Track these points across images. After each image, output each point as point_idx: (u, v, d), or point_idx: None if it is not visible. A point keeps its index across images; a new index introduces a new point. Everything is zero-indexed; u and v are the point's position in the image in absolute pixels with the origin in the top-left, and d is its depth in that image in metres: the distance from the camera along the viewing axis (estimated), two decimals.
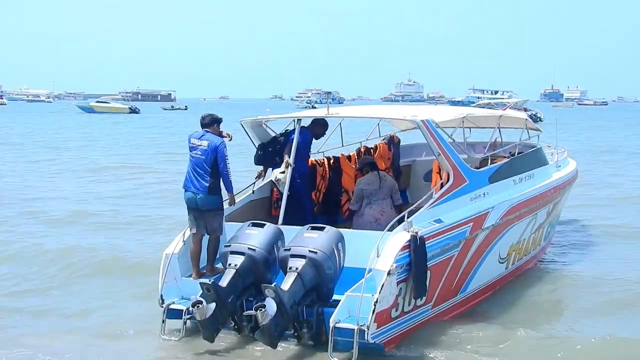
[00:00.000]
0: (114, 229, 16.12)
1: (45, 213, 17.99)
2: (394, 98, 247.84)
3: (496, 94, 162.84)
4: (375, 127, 13.33)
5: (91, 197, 21.06)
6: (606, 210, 18.60)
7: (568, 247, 14.47)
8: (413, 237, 8.56)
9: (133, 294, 11.09)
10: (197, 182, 9.48)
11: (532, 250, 12.20)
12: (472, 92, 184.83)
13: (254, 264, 8.67)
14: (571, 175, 13.81)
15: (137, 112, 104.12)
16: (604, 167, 29.11)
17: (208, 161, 9.44)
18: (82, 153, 36.13)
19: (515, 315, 10.20)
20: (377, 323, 8.16)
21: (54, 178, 26.02)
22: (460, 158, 10.08)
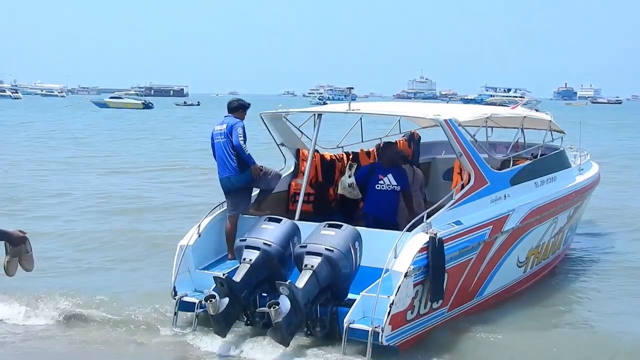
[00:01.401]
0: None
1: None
2: (406, 95, 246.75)
3: (509, 92, 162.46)
4: (396, 124, 13.26)
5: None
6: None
7: (587, 251, 14.32)
8: (432, 238, 8.44)
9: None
10: (227, 164, 9.85)
11: (551, 254, 12.05)
12: (484, 90, 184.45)
13: (268, 259, 8.60)
14: (593, 179, 13.62)
15: (150, 108, 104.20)
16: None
17: (228, 142, 9.86)
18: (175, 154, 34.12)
19: (531, 320, 10.09)
20: (392, 325, 8.07)
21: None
22: (482, 159, 9.93)
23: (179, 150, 36.07)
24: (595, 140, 37.63)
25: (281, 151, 11.14)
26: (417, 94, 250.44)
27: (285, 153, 11.16)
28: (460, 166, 10.02)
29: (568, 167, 12.77)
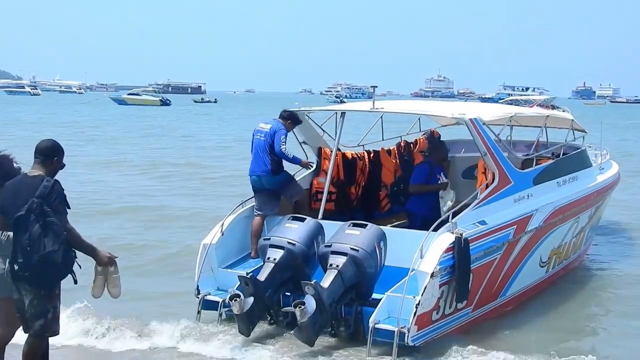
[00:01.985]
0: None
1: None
2: (424, 93, 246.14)
3: (527, 91, 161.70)
4: (416, 122, 13.22)
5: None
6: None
7: (608, 251, 14.19)
8: (458, 238, 8.38)
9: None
10: (261, 163, 9.93)
11: (572, 254, 11.98)
12: (502, 89, 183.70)
13: (293, 258, 8.57)
14: (614, 179, 13.55)
15: (168, 105, 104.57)
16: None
17: (267, 143, 9.93)
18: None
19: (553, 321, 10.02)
20: (418, 325, 8.02)
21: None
22: (506, 159, 9.88)
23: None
24: (615, 140, 37.23)
25: (303, 149, 11.10)
26: (434, 93, 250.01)
27: (307, 151, 11.12)
28: (485, 165, 9.96)
29: (589, 167, 12.72)
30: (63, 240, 5.94)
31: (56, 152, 6.26)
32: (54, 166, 6.22)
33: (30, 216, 5.86)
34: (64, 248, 5.94)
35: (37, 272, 5.88)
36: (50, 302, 6.05)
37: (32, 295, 5.97)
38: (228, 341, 8.54)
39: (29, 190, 5.98)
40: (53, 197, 5.96)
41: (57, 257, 5.90)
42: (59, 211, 5.99)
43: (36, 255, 5.85)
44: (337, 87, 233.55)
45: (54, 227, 5.90)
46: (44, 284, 5.97)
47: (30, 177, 6.11)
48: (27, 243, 5.85)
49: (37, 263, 5.85)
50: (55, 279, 6.04)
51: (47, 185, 5.98)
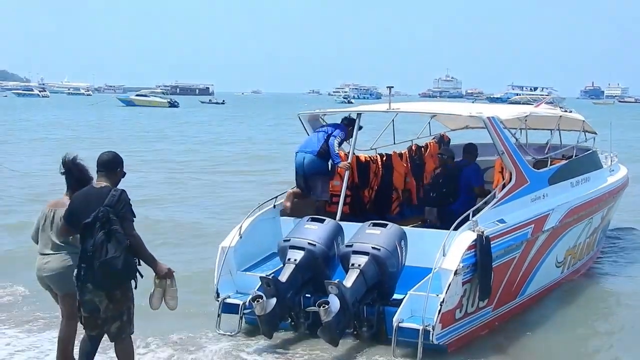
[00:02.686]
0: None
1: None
2: (432, 94, 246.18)
3: (535, 91, 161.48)
4: (426, 126, 13.20)
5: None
6: None
7: (619, 253, 14.12)
8: (479, 236, 8.36)
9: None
10: (311, 144, 10.15)
11: (585, 255, 12.00)
12: (511, 89, 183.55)
13: (313, 259, 8.53)
14: (624, 181, 13.63)
15: (176, 106, 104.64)
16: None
17: (326, 133, 10.19)
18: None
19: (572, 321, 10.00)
20: (442, 324, 7.99)
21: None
22: (523, 158, 9.90)
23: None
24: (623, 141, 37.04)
25: None
26: (442, 93, 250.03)
27: None
28: (502, 165, 9.94)
29: (600, 168, 12.79)
30: (125, 248, 6.20)
31: (118, 164, 6.59)
32: (117, 177, 6.56)
33: (95, 224, 6.17)
34: (125, 255, 6.19)
35: (99, 277, 6.17)
36: (124, 304, 6.36)
37: (107, 299, 6.28)
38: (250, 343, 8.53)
39: (97, 200, 6.28)
40: (120, 205, 6.27)
41: (118, 263, 6.14)
42: (127, 218, 6.29)
43: (98, 261, 6.13)
44: (344, 87, 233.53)
45: (117, 235, 6.17)
46: (108, 287, 6.24)
47: (97, 189, 6.43)
48: (91, 249, 6.16)
49: (99, 268, 6.14)
50: (117, 283, 6.27)
51: (114, 195, 6.29)
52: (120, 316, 6.36)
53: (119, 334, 6.40)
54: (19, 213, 16.52)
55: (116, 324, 6.35)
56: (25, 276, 9.99)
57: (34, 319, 9.39)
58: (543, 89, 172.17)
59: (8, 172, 23.34)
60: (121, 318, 6.36)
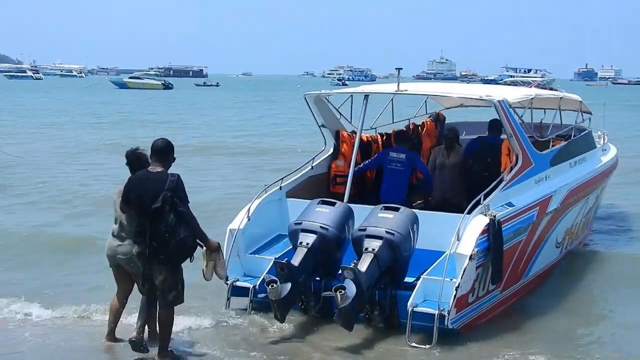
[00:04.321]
0: None
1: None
2: (426, 76, 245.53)
3: (529, 73, 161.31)
4: (423, 105, 13.23)
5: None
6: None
7: (609, 231, 14.32)
8: (492, 220, 8.40)
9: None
10: (400, 191, 10.14)
11: (580, 235, 12.16)
12: (505, 71, 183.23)
13: (325, 243, 8.51)
14: (615, 160, 13.78)
15: (170, 88, 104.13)
16: None
17: (407, 172, 10.25)
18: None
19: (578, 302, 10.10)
20: (457, 308, 8.03)
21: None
22: (528, 140, 9.94)
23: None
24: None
25: (322, 132, 11.09)
26: (436, 75, 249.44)
27: (325, 134, 11.12)
28: (509, 147, 9.99)
29: (594, 148, 12.92)
30: (191, 227, 7.09)
31: (171, 150, 7.29)
32: (169, 162, 7.25)
33: (165, 207, 6.93)
34: (192, 234, 7.11)
35: (173, 254, 7.05)
36: (179, 277, 7.26)
37: (165, 272, 7.13)
38: (262, 327, 8.57)
39: (156, 183, 7.02)
40: (179, 189, 7.04)
41: (189, 242, 7.08)
42: (185, 201, 7.09)
43: (174, 240, 6.97)
44: (339, 69, 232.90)
45: (185, 217, 7.03)
46: (177, 262, 7.14)
47: (153, 173, 7.12)
48: (165, 230, 6.95)
49: (174, 247, 6.99)
50: (185, 259, 7.17)
51: (173, 180, 7.03)
52: (176, 286, 7.21)
53: (174, 301, 7.27)
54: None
55: (173, 293, 7.20)
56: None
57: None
58: (537, 70, 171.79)
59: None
60: (177, 288, 7.22)
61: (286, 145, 29.72)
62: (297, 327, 8.61)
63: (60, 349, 7.96)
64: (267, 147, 28.93)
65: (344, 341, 8.14)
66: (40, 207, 16.24)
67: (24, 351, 7.92)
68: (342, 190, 10.12)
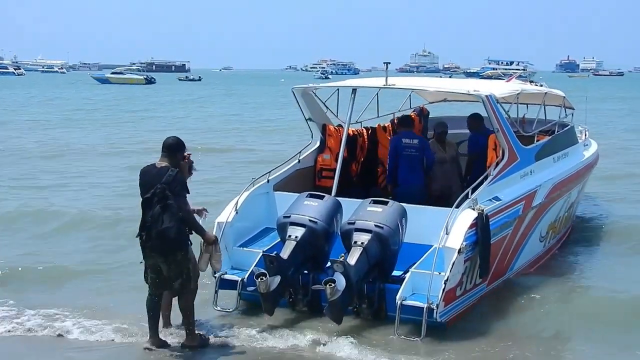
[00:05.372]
0: None
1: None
2: (409, 69, 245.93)
3: (511, 65, 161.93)
4: (407, 99, 13.29)
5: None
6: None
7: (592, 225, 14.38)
8: (480, 215, 8.47)
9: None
10: (418, 175, 10.36)
11: (563, 229, 12.28)
12: (487, 63, 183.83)
13: (314, 236, 8.53)
14: (596, 156, 13.89)
15: (153, 83, 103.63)
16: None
17: (421, 157, 10.42)
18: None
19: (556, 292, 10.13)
20: (445, 302, 8.09)
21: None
22: (515, 135, 10.04)
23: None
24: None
25: (309, 126, 11.14)
26: (419, 68, 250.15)
27: (312, 128, 11.15)
28: (495, 142, 10.07)
29: (576, 143, 13.04)
30: (177, 219, 7.36)
31: (180, 147, 7.73)
32: (177, 159, 7.66)
33: (153, 198, 7.33)
34: (177, 225, 7.36)
35: (156, 243, 7.37)
36: (183, 265, 7.58)
37: (165, 262, 7.49)
38: (250, 321, 8.59)
39: (155, 177, 7.43)
40: (175, 183, 7.39)
41: (171, 232, 7.34)
42: (181, 195, 7.44)
43: (155, 230, 7.33)
44: (322, 63, 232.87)
45: (171, 208, 7.33)
46: (164, 252, 7.44)
47: (157, 168, 7.53)
48: (150, 220, 7.36)
49: (155, 236, 7.34)
50: (171, 249, 7.45)
51: (171, 175, 7.41)
52: (180, 275, 7.55)
53: (181, 290, 7.63)
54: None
55: (178, 281, 7.56)
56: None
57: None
58: (519, 63, 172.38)
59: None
60: (181, 276, 7.56)
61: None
62: (285, 320, 8.63)
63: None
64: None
65: (333, 333, 8.18)
66: None
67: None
68: (328, 183, 10.18)
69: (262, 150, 25.64)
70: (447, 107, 14.88)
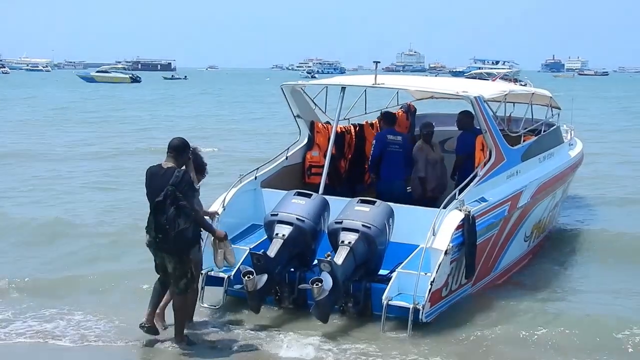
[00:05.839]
0: None
1: None
2: (395, 68, 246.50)
3: (497, 64, 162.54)
4: (395, 96, 13.32)
5: None
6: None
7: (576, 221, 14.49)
8: (466, 216, 8.51)
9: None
10: (401, 171, 10.51)
11: (547, 229, 12.34)
12: (473, 62, 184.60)
13: (301, 234, 8.56)
14: (581, 155, 13.96)
15: (138, 82, 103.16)
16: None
17: (405, 154, 10.60)
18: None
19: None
20: (431, 302, 8.14)
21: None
22: (502, 136, 10.06)
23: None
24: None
25: (297, 123, 11.17)
26: (405, 67, 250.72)
27: (300, 125, 11.18)
28: (483, 142, 10.09)
29: (562, 143, 13.09)
30: (192, 220, 7.51)
31: (185, 148, 7.78)
32: (183, 159, 7.74)
33: (166, 201, 7.41)
34: (193, 226, 7.54)
35: (174, 245, 7.50)
36: (188, 265, 7.71)
37: (174, 262, 7.61)
38: (237, 318, 8.60)
39: (162, 178, 7.51)
40: (183, 184, 7.46)
41: (188, 233, 7.50)
42: (189, 195, 7.54)
43: (173, 232, 7.43)
44: (308, 62, 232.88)
45: (185, 210, 7.45)
46: (180, 253, 7.58)
47: (163, 169, 7.59)
48: (165, 222, 7.43)
49: (174, 238, 7.45)
50: (188, 249, 7.64)
51: (178, 175, 7.48)
52: (186, 274, 7.67)
53: (185, 289, 7.73)
54: None
55: (183, 280, 7.67)
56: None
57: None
58: (505, 62, 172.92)
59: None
60: (186, 276, 7.68)
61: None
62: (272, 318, 8.65)
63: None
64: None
65: (319, 330, 8.21)
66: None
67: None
68: (317, 180, 10.19)
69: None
70: (434, 104, 14.92)
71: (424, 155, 10.69)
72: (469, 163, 10.39)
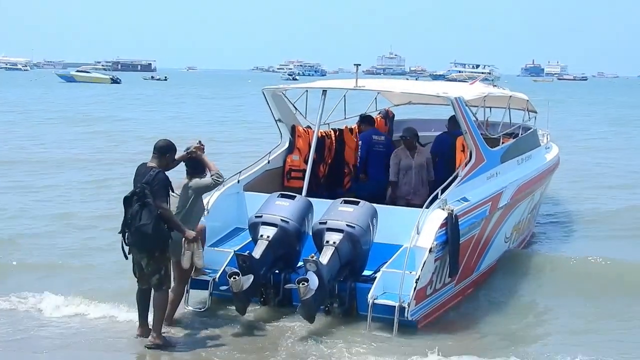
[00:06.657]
0: None
1: None
2: (376, 71, 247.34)
3: (477, 68, 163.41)
4: (373, 101, 13.40)
5: None
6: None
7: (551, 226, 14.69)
8: (450, 215, 8.60)
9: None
10: (385, 172, 10.67)
11: (526, 230, 12.48)
12: (453, 66, 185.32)
13: (286, 236, 8.62)
14: (557, 159, 14.12)
15: (118, 83, 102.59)
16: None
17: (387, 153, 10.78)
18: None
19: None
20: (416, 300, 8.21)
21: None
22: (481, 137, 10.17)
23: None
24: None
25: (278, 127, 11.20)
26: (386, 70, 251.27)
27: (281, 129, 11.21)
28: (463, 144, 10.20)
29: (539, 146, 13.25)
30: (155, 217, 7.57)
31: (170, 150, 7.97)
32: (167, 160, 7.92)
33: (133, 197, 7.62)
34: (154, 223, 7.57)
35: (135, 240, 7.66)
36: (162, 262, 7.80)
37: (146, 258, 7.75)
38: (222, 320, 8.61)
39: (140, 177, 7.75)
40: (155, 182, 7.62)
41: (148, 229, 7.56)
42: (159, 194, 7.63)
43: (133, 227, 7.61)
44: (289, 64, 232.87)
45: (149, 206, 7.57)
46: (142, 248, 7.70)
47: (146, 167, 7.82)
48: (129, 218, 7.63)
49: (134, 233, 7.63)
50: (149, 245, 7.68)
51: (152, 174, 7.66)
52: (159, 271, 7.76)
53: (159, 285, 7.81)
54: None
55: (156, 276, 7.76)
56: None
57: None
58: (485, 66, 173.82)
59: None
60: (160, 272, 7.77)
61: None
62: (257, 319, 8.68)
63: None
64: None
65: (305, 330, 8.26)
66: None
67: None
68: (296, 184, 10.28)
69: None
70: (412, 110, 15.04)
71: (397, 160, 10.68)
72: (440, 162, 10.65)
